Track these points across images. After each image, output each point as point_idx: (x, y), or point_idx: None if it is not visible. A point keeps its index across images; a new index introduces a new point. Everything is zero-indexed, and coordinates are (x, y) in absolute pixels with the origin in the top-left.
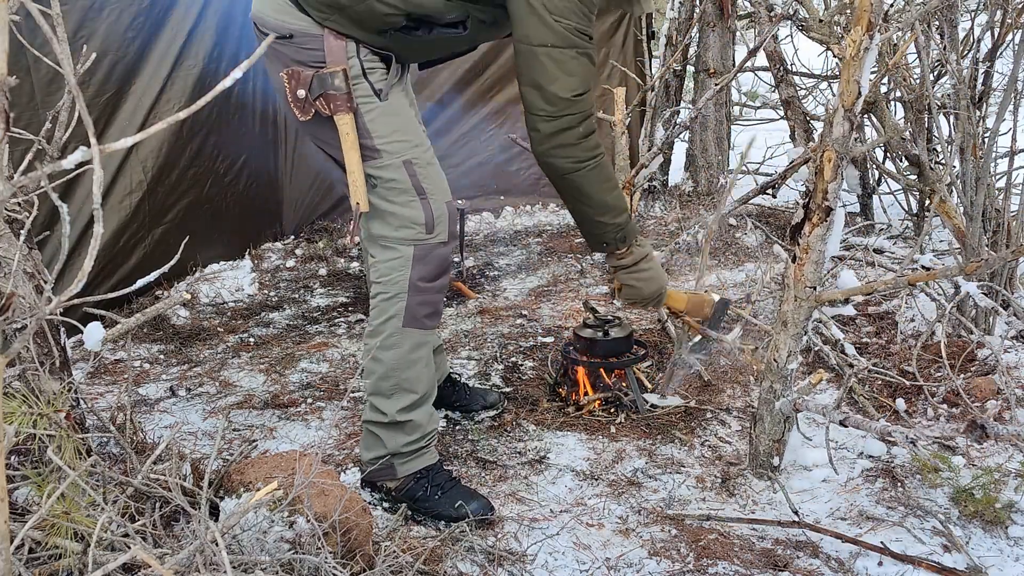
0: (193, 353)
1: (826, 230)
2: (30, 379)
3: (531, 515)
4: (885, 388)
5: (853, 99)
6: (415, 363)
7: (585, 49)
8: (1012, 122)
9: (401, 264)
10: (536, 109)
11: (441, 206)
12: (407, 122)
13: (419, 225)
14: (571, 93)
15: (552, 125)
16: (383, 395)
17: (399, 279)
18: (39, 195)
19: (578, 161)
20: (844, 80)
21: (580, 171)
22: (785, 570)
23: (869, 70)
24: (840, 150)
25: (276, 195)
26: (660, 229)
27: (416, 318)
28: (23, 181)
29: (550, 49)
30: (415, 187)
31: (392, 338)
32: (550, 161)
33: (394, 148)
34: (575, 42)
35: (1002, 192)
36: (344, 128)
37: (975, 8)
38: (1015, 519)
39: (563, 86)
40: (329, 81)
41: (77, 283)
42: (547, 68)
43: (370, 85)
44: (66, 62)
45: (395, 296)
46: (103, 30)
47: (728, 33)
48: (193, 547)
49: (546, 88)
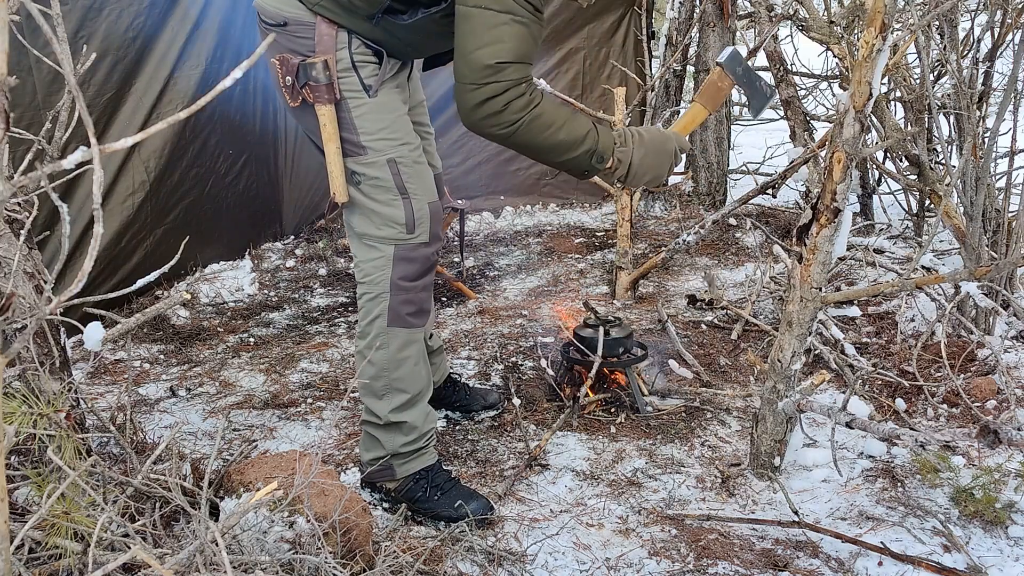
0: (193, 353)
1: (834, 231)
2: (30, 379)
3: (531, 515)
4: (885, 388)
5: (864, 100)
6: (404, 362)
7: (522, 17)
8: (1012, 122)
9: (383, 264)
10: (460, 77)
11: (423, 206)
12: (396, 120)
13: (399, 225)
14: (495, 60)
15: (474, 96)
16: (375, 396)
17: (380, 279)
18: (39, 195)
19: (509, 125)
20: (856, 81)
21: (516, 133)
22: (785, 570)
23: (881, 71)
24: (850, 151)
25: (276, 195)
26: (660, 229)
27: (400, 316)
28: (23, 181)
29: (483, 11)
30: (398, 186)
31: (379, 338)
32: (480, 131)
33: (380, 146)
34: (511, 7)
35: (1002, 192)
36: (323, 119)
37: (975, 8)
38: (1015, 519)
39: (489, 52)
40: (310, 71)
41: (77, 283)
42: (477, 31)
43: (359, 79)
44: (66, 62)
45: (378, 296)
46: (103, 30)
47: (728, 33)
48: (193, 547)
49: (470, 54)
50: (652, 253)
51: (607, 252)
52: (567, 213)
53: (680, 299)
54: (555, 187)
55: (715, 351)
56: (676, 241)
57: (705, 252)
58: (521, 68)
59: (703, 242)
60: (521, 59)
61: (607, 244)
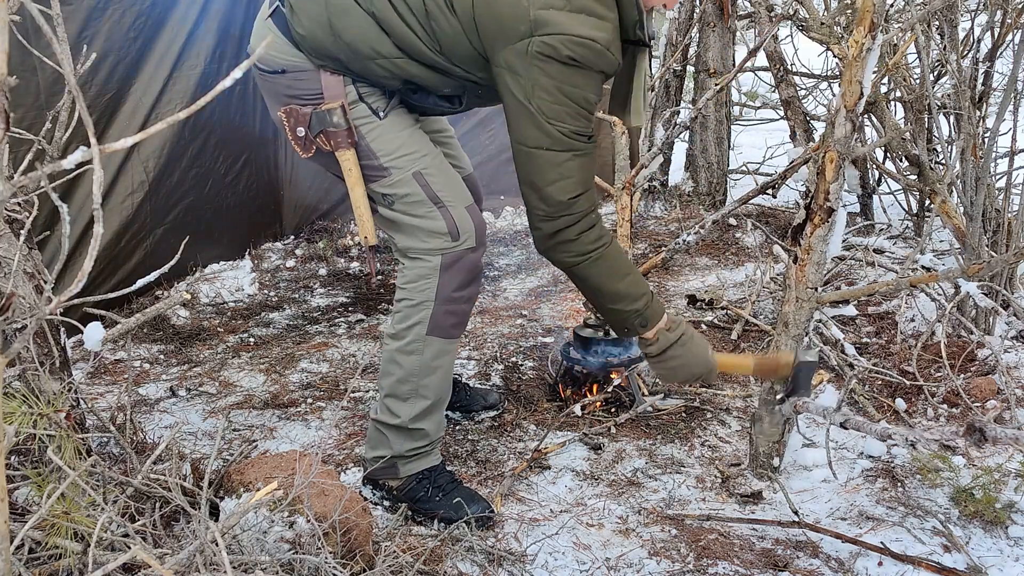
0: (193, 353)
1: (828, 231)
2: (30, 379)
3: (531, 515)
4: (885, 388)
5: (855, 99)
6: (435, 370)
7: (583, 151)
8: (1012, 122)
9: (428, 272)
10: (534, 208)
11: (461, 211)
12: (411, 136)
13: (444, 234)
14: (568, 195)
15: (551, 225)
16: (399, 398)
17: (426, 287)
18: (39, 195)
19: (579, 255)
20: (846, 80)
21: (582, 264)
22: (785, 570)
23: (871, 71)
24: (842, 151)
25: (276, 195)
26: (660, 229)
27: (441, 327)
28: (23, 181)
29: (545, 152)
30: (430, 197)
31: (413, 344)
32: (551, 257)
33: (401, 163)
34: (572, 144)
35: (1002, 192)
36: (347, 164)
37: (975, 8)
38: (1015, 519)
39: (560, 188)
40: (328, 118)
41: (77, 283)
42: (544, 170)
43: (367, 106)
44: (66, 62)
45: (420, 304)
46: (106, 31)
47: (728, 33)
48: (193, 547)
49: (543, 189)
50: (652, 253)
51: None
52: None
53: (680, 299)
54: None
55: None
56: (676, 241)
57: (705, 252)
58: (589, 196)
59: (703, 242)
60: (588, 187)
61: None
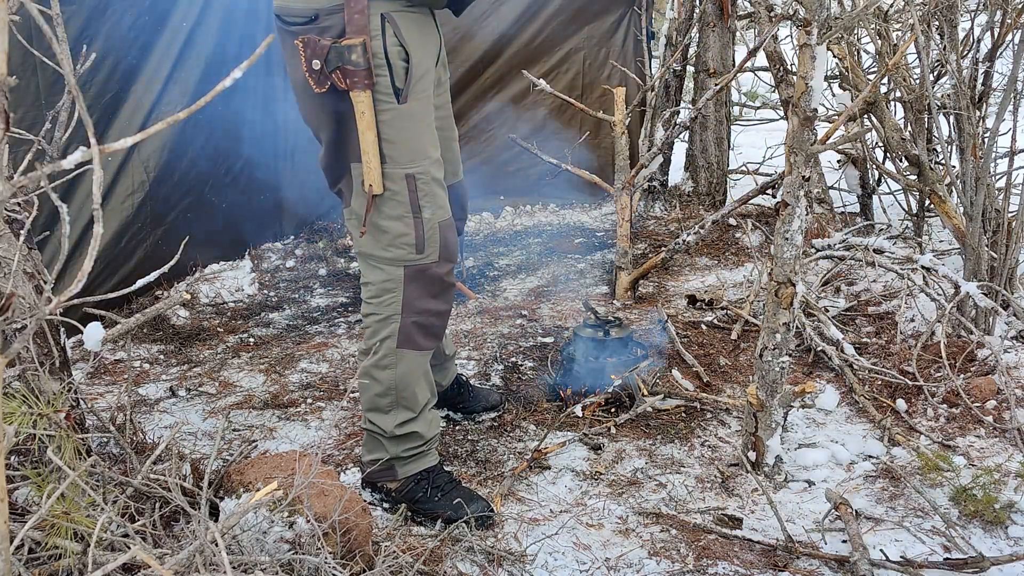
0: (193, 353)
1: (784, 224)
2: (30, 379)
3: (531, 515)
4: (885, 388)
5: (800, 93)
6: (413, 381)
7: None
8: (1012, 122)
9: (393, 285)
10: None
11: (434, 226)
12: (423, 132)
13: (408, 245)
14: None
15: None
16: (380, 411)
17: (391, 301)
18: (39, 195)
19: None
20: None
21: None
22: (785, 570)
23: (821, 67)
24: (793, 145)
25: (276, 195)
26: (660, 229)
27: (411, 339)
28: (23, 181)
29: None
30: (412, 203)
31: (387, 358)
32: None
33: (401, 157)
34: None
35: (1002, 192)
36: (360, 107)
37: (975, 8)
38: (1015, 519)
39: None
40: (347, 55)
41: (77, 283)
42: None
43: (391, 80)
44: (66, 62)
45: (388, 318)
46: (106, 31)
47: (728, 33)
48: (193, 547)
49: None
50: (652, 253)
51: (607, 252)
52: (567, 213)
53: (680, 299)
54: (555, 187)
55: (715, 351)
56: (676, 241)
57: (705, 252)
58: None
59: (703, 242)
60: None
61: (607, 244)
